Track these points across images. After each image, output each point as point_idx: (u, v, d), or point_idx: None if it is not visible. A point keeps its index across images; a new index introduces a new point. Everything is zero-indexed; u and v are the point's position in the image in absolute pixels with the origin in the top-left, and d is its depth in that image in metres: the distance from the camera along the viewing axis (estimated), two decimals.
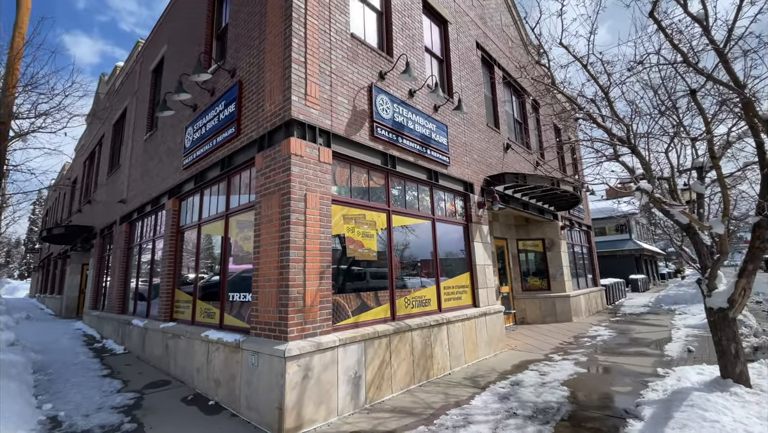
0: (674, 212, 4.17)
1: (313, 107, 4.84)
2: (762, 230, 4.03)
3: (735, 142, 4.99)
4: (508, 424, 3.87)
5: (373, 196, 5.68)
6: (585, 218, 15.79)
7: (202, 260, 6.62)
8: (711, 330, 4.38)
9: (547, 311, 11.43)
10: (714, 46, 4.06)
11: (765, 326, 9.21)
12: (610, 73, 4.76)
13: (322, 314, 4.38)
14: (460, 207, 7.82)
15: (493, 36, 10.67)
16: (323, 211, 4.63)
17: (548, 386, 5.07)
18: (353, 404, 4.46)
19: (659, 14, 4.43)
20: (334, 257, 4.86)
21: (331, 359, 4.30)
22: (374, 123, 5.67)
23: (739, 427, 3.28)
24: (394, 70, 6.33)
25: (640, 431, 3.47)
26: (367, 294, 5.25)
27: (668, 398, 4.09)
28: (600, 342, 8.12)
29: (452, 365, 6.21)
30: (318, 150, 4.75)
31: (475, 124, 8.71)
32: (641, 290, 23.95)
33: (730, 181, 5.32)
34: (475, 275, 7.59)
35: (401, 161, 6.16)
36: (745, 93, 3.83)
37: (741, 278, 4.10)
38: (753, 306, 13.53)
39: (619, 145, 4.60)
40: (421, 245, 6.55)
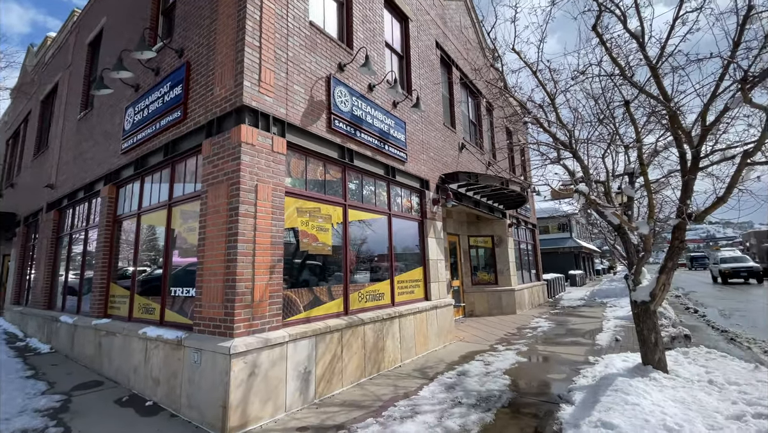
0: (607, 213, 4.54)
1: (267, 94, 4.66)
2: (681, 231, 4.50)
3: (662, 151, 5.52)
4: (453, 413, 4.02)
5: (330, 190, 5.60)
6: (531, 216, 16.74)
7: (141, 252, 6.18)
8: (635, 321, 4.84)
9: (494, 304, 12.00)
10: (647, 62, 4.44)
11: (682, 318, 10.35)
12: (557, 81, 5.06)
13: (271, 310, 4.26)
14: (416, 203, 7.94)
15: (452, 37, 10.89)
16: (276, 204, 4.49)
17: (492, 376, 5.33)
18: (302, 399, 4.41)
19: (601, 28, 4.76)
20: (287, 251, 4.74)
21: (280, 355, 4.21)
22: (332, 115, 5.58)
23: (656, 409, 3.65)
24: (354, 63, 6.25)
25: (571, 415, 3.77)
26: (320, 289, 5.19)
27: (596, 383, 4.47)
28: (540, 333, 8.68)
29: (403, 358, 6.33)
30: (271, 139, 4.58)
31: (433, 123, 8.87)
32: (579, 284, 25.90)
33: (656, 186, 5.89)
34: (428, 269, 7.77)
35: (359, 155, 6.13)
36: (671, 106, 4.23)
37: (661, 274, 4.56)
38: (672, 300, 15.15)
39: (562, 149, 4.91)
40: (377, 240, 6.58)
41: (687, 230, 4.60)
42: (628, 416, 3.43)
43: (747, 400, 4.00)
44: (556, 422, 3.74)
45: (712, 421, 3.49)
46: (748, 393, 4.19)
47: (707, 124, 4.21)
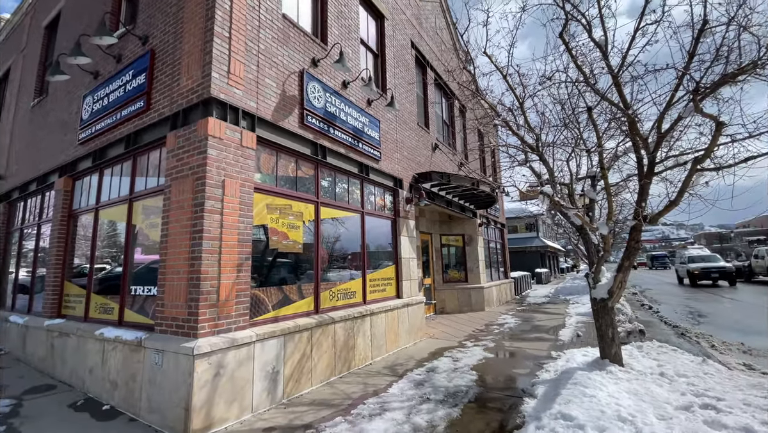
0: (570, 214, 4.74)
1: (236, 87, 4.53)
2: (637, 232, 4.76)
3: (621, 156, 5.81)
4: (421, 409, 4.08)
5: (302, 187, 5.52)
6: (500, 216, 17.19)
7: (99, 248, 5.86)
8: (594, 317, 5.08)
9: (463, 302, 12.26)
10: (609, 70, 4.66)
11: (638, 314, 10.96)
12: (526, 86, 5.22)
13: (238, 309, 4.15)
14: (389, 202, 7.97)
15: (427, 37, 10.98)
16: (244, 200, 4.38)
17: (459, 372, 5.44)
18: (270, 399, 4.33)
19: (568, 36, 4.95)
20: (256, 249, 4.63)
21: (247, 355, 4.11)
22: (305, 110, 5.50)
23: (612, 401, 3.84)
24: (328, 59, 6.18)
25: (533, 408, 3.91)
26: (290, 287, 5.10)
27: (558, 377, 4.66)
28: (507, 329, 8.94)
29: (374, 355, 6.35)
30: (240, 133, 4.46)
31: (407, 123, 8.92)
32: (544, 282, 26.87)
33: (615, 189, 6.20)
34: (400, 267, 7.82)
35: (332, 152, 6.07)
36: (630, 114, 4.46)
37: (619, 272, 4.81)
38: (630, 297, 16.01)
39: (530, 152, 5.07)
40: (350, 238, 6.55)
41: (643, 231, 4.87)
42: (586, 407, 3.59)
43: (695, 391, 4.28)
44: (520, 416, 3.87)
45: (663, 411, 3.71)
46: (695, 385, 4.49)
47: (662, 131, 4.46)
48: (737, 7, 3.92)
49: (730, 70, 4.09)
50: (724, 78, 4.02)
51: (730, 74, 4.01)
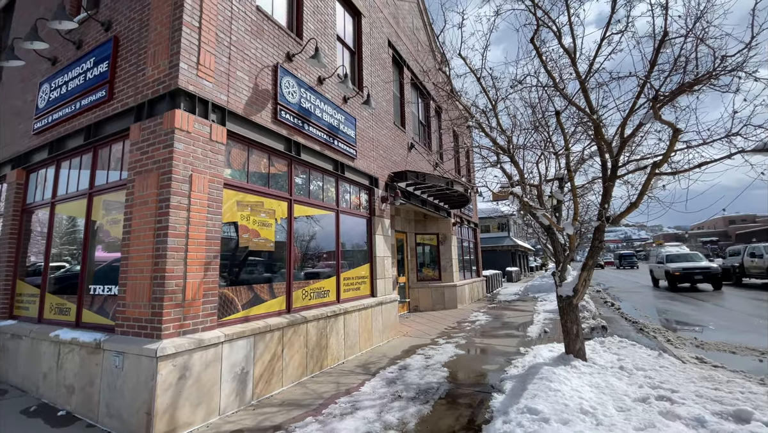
0: (538, 215, 4.89)
1: (206, 79, 4.38)
2: (600, 232, 4.97)
3: (587, 159, 6.04)
4: (392, 406, 4.10)
5: (274, 184, 5.40)
6: (473, 216, 17.53)
7: (56, 246, 5.53)
8: (560, 314, 5.27)
9: (437, 299, 12.42)
10: (577, 76, 4.83)
11: (601, 310, 11.45)
12: (498, 88, 5.34)
13: (205, 309, 4.03)
14: (365, 200, 7.95)
15: (404, 37, 11.02)
16: (213, 196, 4.24)
17: (431, 369, 5.51)
18: (238, 401, 4.23)
19: (539, 42, 5.09)
20: (226, 247, 4.50)
21: (215, 356, 4.00)
22: (278, 105, 5.39)
23: (575, 394, 4.00)
24: (303, 54, 6.08)
25: (501, 403, 4.01)
26: (261, 286, 5.00)
27: (525, 373, 4.80)
28: (478, 326, 9.14)
29: (346, 354, 6.32)
30: (210, 127, 4.31)
31: (383, 121, 8.92)
32: (515, 280, 27.65)
33: (581, 191, 6.45)
34: (374, 266, 7.82)
35: (307, 149, 5.99)
36: (596, 119, 4.65)
37: (583, 271, 5.01)
38: (594, 294, 16.70)
39: (501, 153, 5.19)
40: (324, 237, 6.48)
41: (606, 231, 5.09)
42: (551, 401, 3.72)
43: (651, 384, 4.52)
44: (488, 411, 3.96)
45: (621, 403, 3.89)
46: (652, 377, 4.74)
47: (625, 136, 4.68)
48: (694, 20, 4.16)
49: (687, 80, 4.33)
50: (682, 87, 4.26)
51: (687, 84, 4.26)
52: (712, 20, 4.35)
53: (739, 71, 4.05)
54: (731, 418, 3.53)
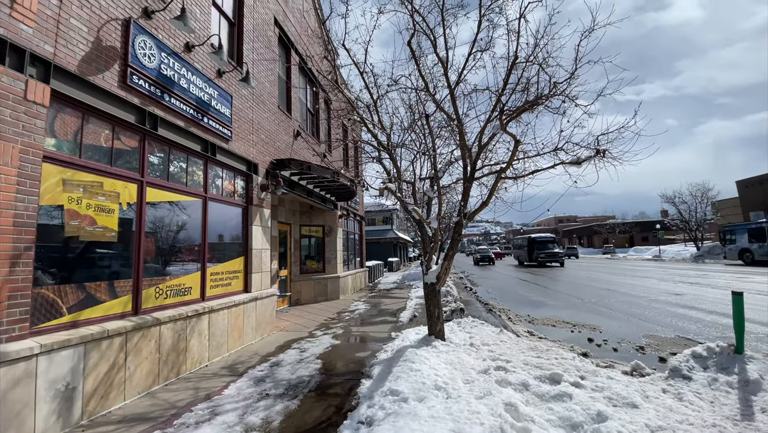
0: (410, 209, 5.25)
1: (24, 22, 3.40)
2: (459, 226, 5.60)
3: (454, 162, 6.73)
4: (258, 406, 3.90)
5: (120, 162, 4.54)
6: (359, 209, 18.00)
7: None
8: (425, 299, 5.78)
9: (319, 291, 12.39)
10: (447, 83, 5.30)
11: (462, 295, 13.02)
12: (380, 86, 5.51)
13: (12, 314, 3.16)
14: (241, 187, 7.35)
15: (293, 18, 10.51)
16: (26, 171, 3.34)
17: (305, 362, 5.45)
18: (62, 422, 3.47)
19: (416, 46, 5.41)
20: (46, 237, 3.61)
21: (26, 371, 3.18)
22: (129, 68, 4.53)
23: (432, 372, 4.42)
24: (167, 13, 5.24)
25: (368, 388, 4.19)
26: (97, 285, 4.16)
27: (392, 356, 5.13)
28: (357, 315, 9.43)
29: (211, 356, 5.79)
30: (25, 83, 3.37)
31: (266, 104, 8.37)
32: (395, 270, 29.49)
33: (446, 190, 7.17)
34: (250, 259, 7.33)
35: (166, 123, 5.19)
36: (458, 124, 5.18)
37: (445, 261, 5.58)
38: (457, 280, 18.93)
39: (381, 150, 5.38)
40: (188, 226, 5.76)
41: (467, 226, 5.76)
42: (411, 381, 4.04)
43: (492, 356, 5.29)
44: (355, 397, 4.09)
45: (468, 376, 4.46)
46: (494, 351, 5.56)
47: (482, 143, 5.34)
48: (534, 47, 4.95)
49: (528, 99, 5.15)
50: (524, 105, 5.05)
51: (528, 102, 5.06)
52: (551, 51, 5.25)
53: (565, 96, 4.99)
54: (547, 380, 4.36)
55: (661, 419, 3.37)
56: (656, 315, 8.87)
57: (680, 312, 9.08)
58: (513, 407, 3.48)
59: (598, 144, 4.75)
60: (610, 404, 3.71)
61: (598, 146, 4.72)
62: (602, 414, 3.39)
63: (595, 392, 3.98)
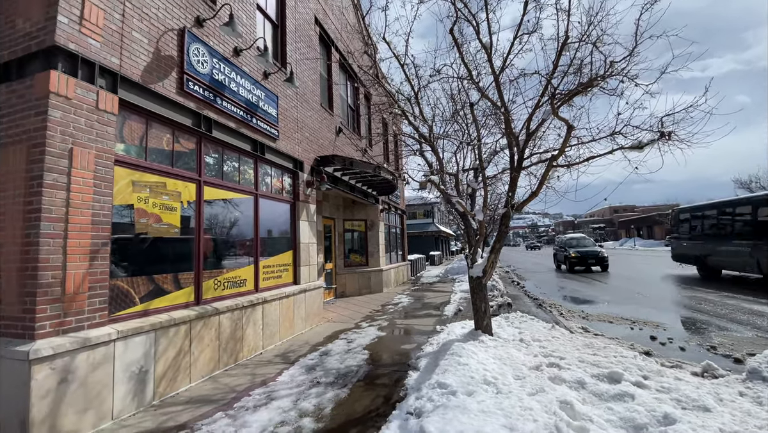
0: (453, 201, 5.16)
1: (93, 38, 3.74)
2: (507, 219, 5.41)
3: (499, 151, 6.50)
4: (310, 393, 4.06)
5: (180, 163, 4.89)
6: (401, 203, 18.01)
7: None
8: (471, 293, 5.67)
9: (363, 284, 12.60)
10: (492, 70, 5.11)
11: (509, 289, 12.63)
12: (420, 77, 5.43)
13: (92, 304, 3.53)
14: (288, 184, 7.63)
15: (332, 16, 10.64)
16: (101, 174, 3.69)
17: (352, 352, 5.58)
18: (136, 402, 3.84)
19: (459, 35, 5.26)
20: (119, 233, 3.97)
21: (105, 355, 3.55)
22: (185, 75, 4.84)
23: (480, 367, 4.34)
24: (216, 20, 5.53)
25: (415, 380, 4.21)
26: (164, 277, 4.53)
27: (438, 349, 5.10)
28: (401, 308, 9.49)
29: (265, 344, 6.10)
30: (97, 94, 3.72)
31: (309, 102, 8.59)
32: (437, 263, 29.26)
33: (492, 181, 6.96)
34: (298, 253, 7.61)
35: (220, 126, 5.50)
36: (504, 111, 4.98)
37: (491, 254, 5.43)
38: (503, 274, 18.38)
39: (423, 142, 5.32)
40: (241, 222, 6.09)
41: (515, 218, 5.56)
42: (459, 375, 4.00)
43: (544, 353, 5.09)
44: (403, 388, 4.13)
45: (519, 372, 4.33)
46: (545, 347, 5.35)
47: (530, 130, 5.10)
48: (587, 26, 4.62)
49: (582, 81, 4.83)
50: (577, 88, 4.75)
51: (581, 84, 4.75)
52: (606, 29, 4.88)
53: (623, 76, 4.62)
54: (606, 379, 4.12)
55: (737, 423, 3.07)
56: (730, 312, 8.06)
57: (757, 309, 8.18)
58: (568, 405, 3.33)
59: (662, 126, 4.36)
60: (679, 406, 3.44)
61: (662, 128, 4.33)
62: (669, 416, 3.15)
63: (661, 393, 3.70)
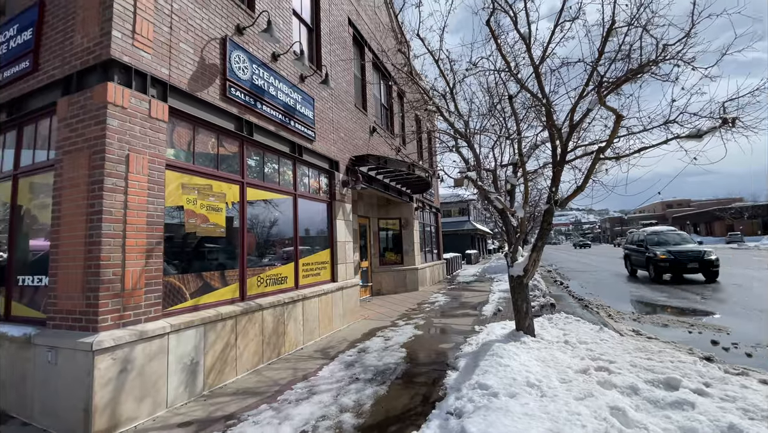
0: (492, 198, 5.02)
1: (144, 50, 4.01)
2: (549, 215, 5.19)
3: (540, 145, 6.24)
4: (349, 389, 4.12)
5: (225, 166, 5.12)
6: (435, 201, 17.81)
7: None
8: (511, 293, 5.50)
9: (399, 283, 12.60)
10: (531, 61, 4.92)
11: (551, 289, 12.13)
12: (455, 72, 5.33)
13: (148, 298, 3.79)
14: (325, 184, 7.78)
15: (365, 16, 10.71)
16: (154, 178, 3.95)
17: (390, 350, 5.59)
18: (188, 392, 4.07)
19: (496, 26, 5.11)
20: (170, 233, 4.23)
21: (160, 347, 3.80)
22: (227, 81, 5.07)
23: (523, 368, 4.20)
24: (255, 27, 5.74)
25: (454, 380, 4.15)
26: (211, 274, 4.77)
27: (478, 350, 4.99)
28: (437, 307, 9.39)
29: (305, 340, 6.27)
30: (149, 103, 3.98)
31: (344, 103, 8.70)
32: (473, 262, 28.66)
33: (533, 176, 6.69)
34: (335, 251, 7.74)
35: (260, 129, 5.71)
36: (546, 104, 4.77)
37: (533, 252, 5.23)
38: (545, 274, 17.67)
39: (459, 138, 5.22)
40: (281, 221, 6.29)
41: (556, 215, 5.32)
42: (500, 376, 3.89)
43: (592, 356, 4.84)
44: (442, 388, 4.08)
45: (565, 375, 4.15)
46: (593, 350, 5.08)
47: (574, 122, 4.86)
48: (638, 8, 4.32)
49: (631, 68, 4.53)
50: (626, 74, 4.45)
51: (631, 71, 4.45)
52: (657, 10, 4.54)
53: (678, 60, 4.28)
54: (662, 385, 3.85)
55: None
56: None
57: None
58: (620, 412, 3.14)
59: (724, 111, 3.99)
60: (746, 416, 3.14)
61: (724, 114, 3.96)
62: (735, 427, 2.88)
63: (725, 402, 3.40)
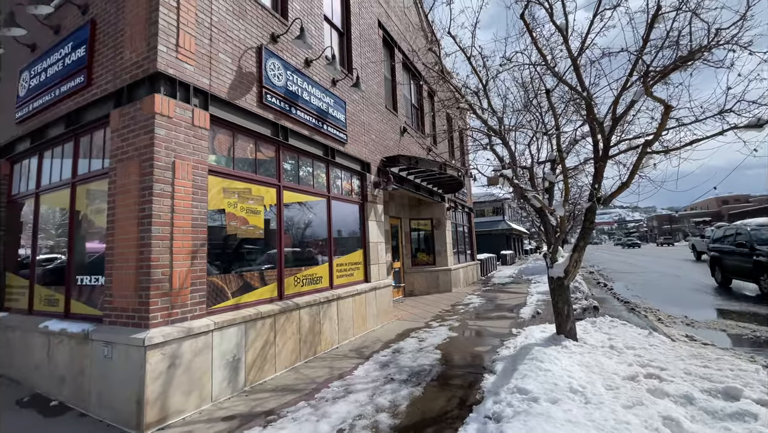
0: (529, 197, 4.85)
1: (186, 62, 4.23)
2: (591, 213, 4.94)
3: (580, 140, 5.97)
4: (385, 389, 4.12)
5: (262, 170, 5.31)
6: (467, 200, 17.50)
7: (43, 237, 5.45)
8: (551, 295, 5.29)
9: (431, 283, 12.48)
10: (569, 53, 4.71)
11: (594, 291, 11.56)
12: (488, 68, 5.21)
13: (194, 297, 3.99)
14: (357, 186, 7.87)
15: (394, 17, 10.73)
16: (197, 183, 4.15)
17: (424, 351, 5.55)
18: (231, 388, 4.24)
19: (530, 19, 4.95)
20: (213, 235, 4.44)
21: (205, 344, 3.98)
22: (263, 89, 5.24)
23: (565, 373, 4.03)
24: (289, 35, 5.90)
25: (492, 383, 4.04)
26: (251, 274, 4.96)
27: (516, 353, 4.84)
28: (472, 309, 9.20)
29: (340, 339, 6.35)
30: (192, 112, 4.19)
31: (374, 105, 8.76)
32: (509, 263, 27.86)
33: (573, 172, 6.41)
34: (368, 252, 7.80)
35: (295, 134, 5.86)
36: (586, 97, 4.56)
37: (574, 252, 5.00)
38: (587, 275, 16.86)
39: (493, 135, 5.10)
40: (316, 223, 6.43)
41: (599, 213, 5.06)
42: (541, 381, 3.75)
43: (640, 362, 4.56)
44: (479, 391, 3.99)
45: (611, 382, 3.93)
46: (642, 356, 4.78)
47: (617, 115, 4.60)
48: None
49: (680, 55, 4.23)
50: (675, 63, 4.17)
51: (680, 59, 4.16)
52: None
53: (733, 45, 3.95)
54: (720, 395, 3.56)
55: None
56: None
57: None
58: (674, 422, 2.93)
59: None
60: None
61: None
62: None
63: None
